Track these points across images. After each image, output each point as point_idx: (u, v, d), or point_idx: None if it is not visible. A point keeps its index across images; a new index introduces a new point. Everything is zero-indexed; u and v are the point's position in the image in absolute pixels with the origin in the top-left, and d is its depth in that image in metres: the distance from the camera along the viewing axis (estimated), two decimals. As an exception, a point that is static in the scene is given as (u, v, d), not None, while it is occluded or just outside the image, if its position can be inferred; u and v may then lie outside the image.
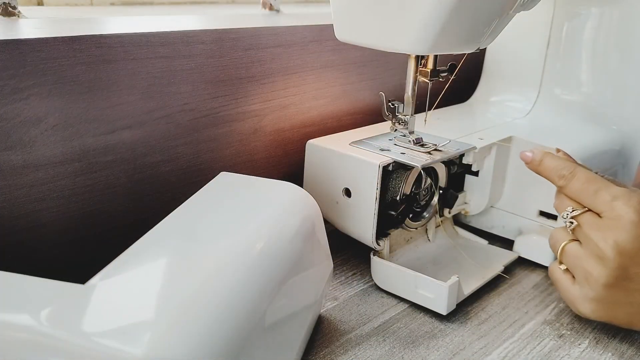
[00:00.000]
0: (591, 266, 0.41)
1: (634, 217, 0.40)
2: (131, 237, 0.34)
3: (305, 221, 0.40)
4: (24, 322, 0.27)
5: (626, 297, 0.41)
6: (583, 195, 0.43)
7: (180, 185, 0.52)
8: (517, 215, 0.58)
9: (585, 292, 0.42)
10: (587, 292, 0.42)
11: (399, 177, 0.49)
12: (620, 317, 0.42)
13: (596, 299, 0.42)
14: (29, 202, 0.42)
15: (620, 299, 0.41)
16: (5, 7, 0.48)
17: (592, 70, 0.60)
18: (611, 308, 0.42)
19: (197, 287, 0.30)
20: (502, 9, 0.43)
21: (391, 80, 0.68)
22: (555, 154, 0.47)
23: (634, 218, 0.40)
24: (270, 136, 0.58)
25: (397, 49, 0.44)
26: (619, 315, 0.42)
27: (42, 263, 0.44)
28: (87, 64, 0.43)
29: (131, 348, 0.25)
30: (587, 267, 0.42)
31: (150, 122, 0.48)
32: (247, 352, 0.30)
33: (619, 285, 0.41)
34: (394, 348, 0.42)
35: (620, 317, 0.42)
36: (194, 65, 0.49)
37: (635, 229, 0.40)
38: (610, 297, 0.41)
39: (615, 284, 0.41)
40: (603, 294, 0.41)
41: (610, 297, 0.41)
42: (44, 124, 0.42)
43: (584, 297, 0.42)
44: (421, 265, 0.52)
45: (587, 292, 0.42)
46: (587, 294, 0.42)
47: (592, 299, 0.42)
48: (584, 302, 0.43)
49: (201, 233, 0.35)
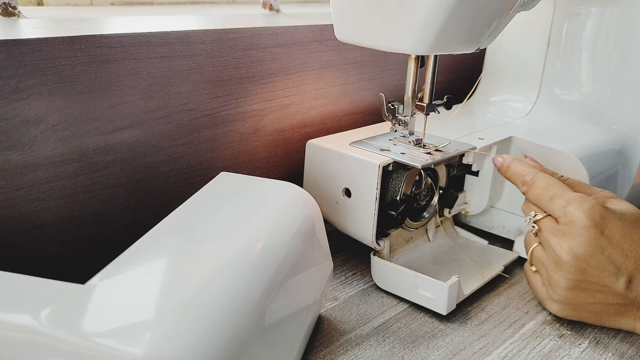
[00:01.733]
0: (552, 270, 0.43)
1: (585, 221, 0.41)
2: (131, 237, 0.34)
3: (305, 221, 0.40)
4: (24, 322, 0.27)
5: (588, 297, 0.43)
6: (541, 202, 0.45)
7: (180, 185, 0.52)
8: (517, 215, 0.58)
9: (550, 294, 0.44)
10: (552, 294, 0.44)
11: (399, 177, 0.49)
12: (588, 316, 0.44)
13: (560, 301, 0.44)
14: (29, 202, 0.42)
15: (584, 300, 0.43)
16: (5, 7, 0.48)
17: (592, 70, 0.60)
18: (576, 308, 0.44)
19: (197, 287, 0.30)
20: (502, 9, 0.43)
21: (391, 80, 0.68)
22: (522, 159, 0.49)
23: (585, 223, 0.41)
24: (270, 136, 0.58)
25: (397, 49, 0.44)
26: (585, 315, 0.44)
27: (42, 263, 0.44)
28: (87, 64, 0.43)
29: (131, 348, 0.25)
30: (549, 271, 0.44)
31: (150, 122, 0.48)
32: (247, 352, 0.30)
33: (579, 287, 0.42)
34: (394, 348, 0.42)
35: (588, 316, 0.44)
36: (194, 65, 0.49)
37: (587, 233, 0.41)
38: (573, 299, 0.43)
39: (575, 287, 0.42)
40: (566, 296, 0.43)
41: (573, 299, 0.43)
42: (44, 124, 0.42)
43: (550, 299, 0.45)
44: (421, 265, 0.52)
45: (552, 294, 0.44)
46: (552, 296, 0.44)
47: (557, 300, 0.44)
48: (551, 303, 0.45)
49: (201, 233, 0.35)
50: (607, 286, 0.42)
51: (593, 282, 0.42)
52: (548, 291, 0.45)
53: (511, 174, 0.48)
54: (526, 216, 0.46)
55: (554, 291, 0.44)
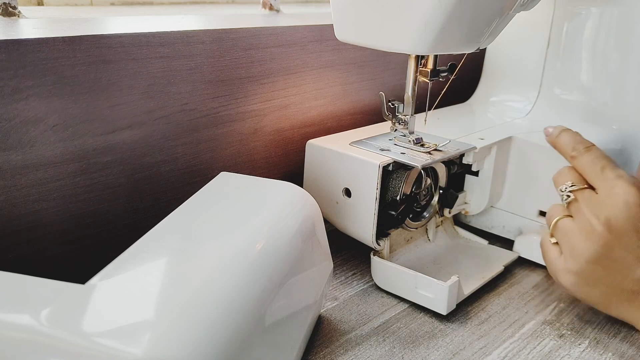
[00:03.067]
0: (579, 240, 0.43)
1: (632, 198, 0.41)
2: (131, 237, 0.34)
3: (305, 221, 0.40)
4: (24, 322, 0.27)
5: (605, 276, 0.42)
6: (589, 168, 0.44)
7: (180, 185, 0.52)
8: (517, 215, 0.58)
9: (568, 264, 0.44)
10: (570, 264, 0.43)
11: (399, 177, 0.49)
12: (596, 296, 0.44)
13: (577, 273, 0.43)
14: (29, 202, 0.42)
15: (600, 278, 0.43)
16: (6, 7, 0.48)
17: (592, 70, 0.60)
18: (589, 284, 0.43)
19: (197, 287, 0.30)
20: (502, 9, 0.43)
21: (391, 80, 0.68)
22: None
23: (632, 199, 0.41)
24: (270, 136, 0.58)
25: (397, 49, 0.44)
26: (595, 294, 0.43)
27: (42, 263, 0.44)
28: (87, 64, 0.43)
29: (131, 348, 0.25)
30: (574, 241, 0.43)
31: (150, 122, 0.48)
32: (247, 352, 0.30)
33: (601, 263, 0.42)
34: (394, 348, 0.42)
35: (596, 296, 0.44)
36: (194, 65, 0.49)
37: (629, 209, 0.41)
38: (590, 273, 0.43)
39: (597, 261, 0.42)
40: (584, 269, 0.43)
41: (590, 273, 0.43)
42: (43, 124, 0.42)
43: (567, 269, 0.44)
44: (421, 265, 0.52)
45: (570, 264, 0.43)
46: (569, 267, 0.44)
47: (573, 271, 0.43)
48: (566, 273, 0.44)
49: (201, 233, 0.35)
50: (628, 269, 0.41)
51: (616, 261, 0.41)
52: (566, 261, 0.44)
53: (561, 141, 0.47)
54: (559, 185, 0.46)
55: (574, 262, 0.43)
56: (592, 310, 0.48)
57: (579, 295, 0.44)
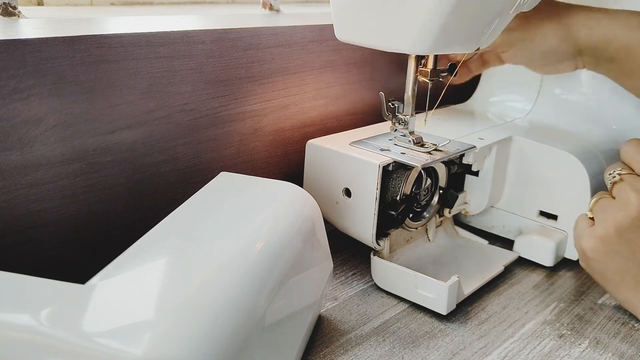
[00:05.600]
0: (613, 211, 0.44)
1: None
2: (131, 237, 0.34)
3: (305, 221, 0.40)
4: (24, 322, 0.27)
5: (626, 250, 0.43)
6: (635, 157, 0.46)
7: (180, 185, 0.52)
8: (517, 215, 0.58)
9: (595, 230, 0.45)
10: (597, 230, 0.45)
11: (399, 177, 0.49)
12: (611, 270, 0.45)
13: (602, 238, 0.44)
14: (29, 202, 0.42)
15: (620, 250, 0.44)
16: (6, 7, 0.48)
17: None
18: (608, 255, 0.44)
19: (197, 287, 0.30)
20: (502, 9, 0.43)
21: (391, 80, 0.68)
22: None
23: None
24: (270, 136, 0.58)
25: (397, 49, 0.44)
26: (610, 267, 0.44)
27: (42, 263, 0.44)
28: (87, 64, 0.43)
29: (131, 348, 0.25)
30: (609, 212, 0.45)
31: (150, 122, 0.48)
32: (247, 352, 0.30)
33: (626, 235, 0.43)
34: (394, 348, 0.42)
35: (611, 270, 0.45)
36: (194, 65, 0.49)
37: None
38: (614, 242, 0.44)
39: (625, 232, 0.43)
40: (610, 235, 0.44)
41: (614, 242, 0.44)
42: (43, 124, 0.42)
43: (592, 234, 0.45)
44: (421, 265, 0.52)
45: (597, 230, 0.45)
46: (596, 231, 0.45)
47: (599, 236, 0.45)
48: (590, 237, 0.45)
49: (201, 233, 0.35)
50: None
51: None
52: (595, 228, 0.45)
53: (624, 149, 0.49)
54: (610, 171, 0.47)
55: (602, 227, 0.44)
56: (592, 310, 0.48)
57: (594, 266, 0.46)
